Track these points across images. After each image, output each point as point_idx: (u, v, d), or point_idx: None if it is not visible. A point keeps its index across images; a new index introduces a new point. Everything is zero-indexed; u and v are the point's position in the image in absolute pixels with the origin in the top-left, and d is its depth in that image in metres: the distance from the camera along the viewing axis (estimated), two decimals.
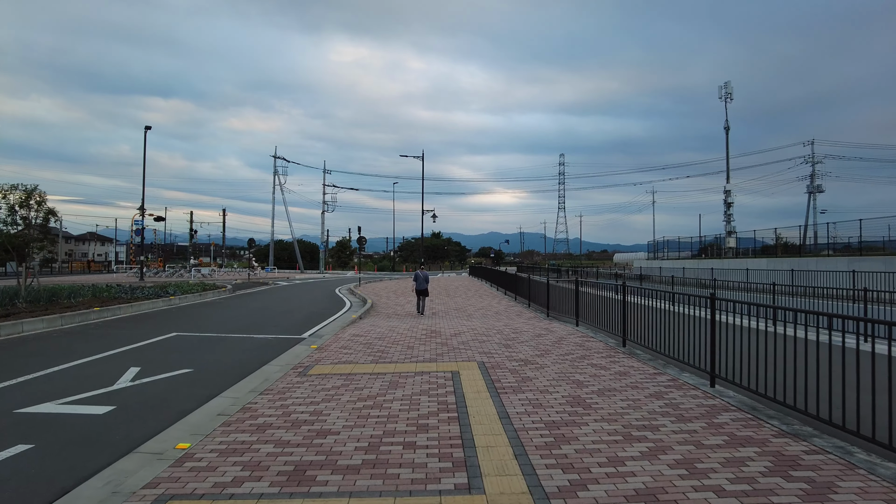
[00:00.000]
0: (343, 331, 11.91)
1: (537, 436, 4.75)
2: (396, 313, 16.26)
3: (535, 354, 8.64)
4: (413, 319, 14.36)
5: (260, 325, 13.61)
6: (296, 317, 15.57)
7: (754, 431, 4.83)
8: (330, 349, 9.38)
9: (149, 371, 8.06)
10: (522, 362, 8.00)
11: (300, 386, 6.70)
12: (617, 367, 7.71)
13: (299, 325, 13.57)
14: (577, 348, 9.23)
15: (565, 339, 10.21)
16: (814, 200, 53.55)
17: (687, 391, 6.30)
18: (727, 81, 45.50)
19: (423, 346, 9.54)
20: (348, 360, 8.29)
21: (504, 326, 12.42)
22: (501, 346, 9.53)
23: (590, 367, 7.70)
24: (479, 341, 10.07)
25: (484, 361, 8.09)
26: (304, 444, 4.60)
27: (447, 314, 15.88)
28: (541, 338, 10.44)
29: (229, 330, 12.72)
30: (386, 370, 7.56)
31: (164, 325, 13.49)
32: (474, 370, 7.46)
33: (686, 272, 29.47)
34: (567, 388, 6.47)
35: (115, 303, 16.01)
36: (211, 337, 11.63)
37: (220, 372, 8.12)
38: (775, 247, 39.62)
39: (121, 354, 9.40)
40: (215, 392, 6.77)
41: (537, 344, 9.69)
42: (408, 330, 11.90)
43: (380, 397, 6.10)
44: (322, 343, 10.09)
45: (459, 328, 12.16)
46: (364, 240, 32.57)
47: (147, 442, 4.90)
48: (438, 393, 6.25)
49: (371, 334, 11.18)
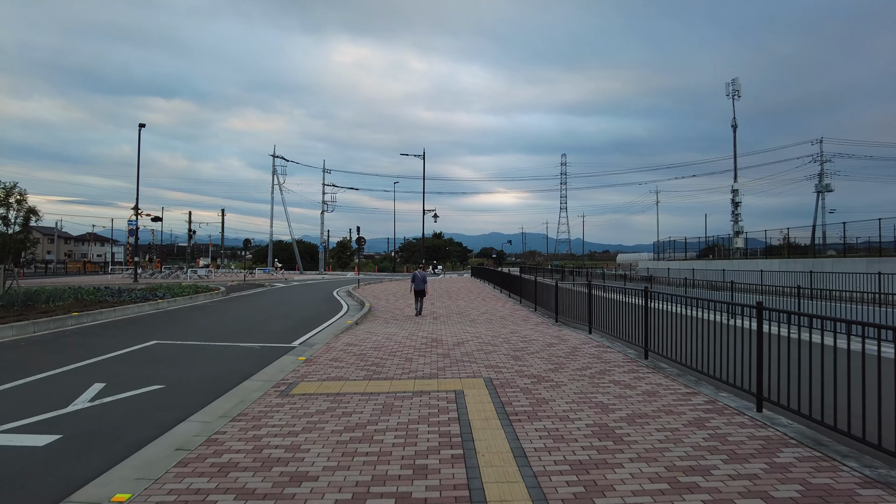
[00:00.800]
0: (336, 339, 10.99)
1: (562, 483, 3.82)
2: (395, 318, 15.34)
3: (548, 369, 7.71)
4: (413, 325, 13.44)
5: (248, 332, 12.70)
6: (288, 322, 14.65)
7: (832, 478, 3.90)
8: (319, 361, 8.46)
9: (114, 388, 7.15)
10: (535, 379, 7.07)
11: (279, 410, 5.78)
12: (643, 384, 6.78)
13: (290, 332, 12.65)
14: (594, 361, 8.30)
15: (580, 350, 9.28)
16: (822, 200, 52.59)
17: (731, 417, 5.37)
18: (735, 78, 44.53)
19: (423, 359, 8.61)
20: (338, 376, 7.36)
21: (511, 334, 11.49)
22: (510, 357, 8.61)
23: (612, 384, 6.77)
24: (484, 352, 9.15)
25: (491, 378, 7.16)
26: (273, 496, 3.68)
27: (449, 319, 14.96)
28: (552, 348, 9.51)
29: (215, 337, 11.81)
30: (380, 389, 6.63)
31: (145, 331, 12.58)
32: (481, 389, 6.53)
33: (696, 273, 28.50)
34: (590, 413, 5.54)
35: (98, 307, 15.11)
36: (193, 346, 10.72)
37: (193, 389, 7.21)
38: (781, 247, 38.68)
39: (88, 368, 8.49)
40: (182, 416, 5.86)
41: (549, 356, 8.76)
42: (407, 338, 10.99)
43: (371, 426, 5.17)
44: (312, 354, 9.17)
45: (463, 336, 11.24)
46: (363, 240, 31.69)
47: (82, 489, 3.98)
48: (440, 420, 5.32)
49: (366, 343, 10.26)
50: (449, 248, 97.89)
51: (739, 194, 44.81)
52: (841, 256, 26.57)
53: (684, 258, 47.37)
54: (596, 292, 11.47)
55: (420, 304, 16.03)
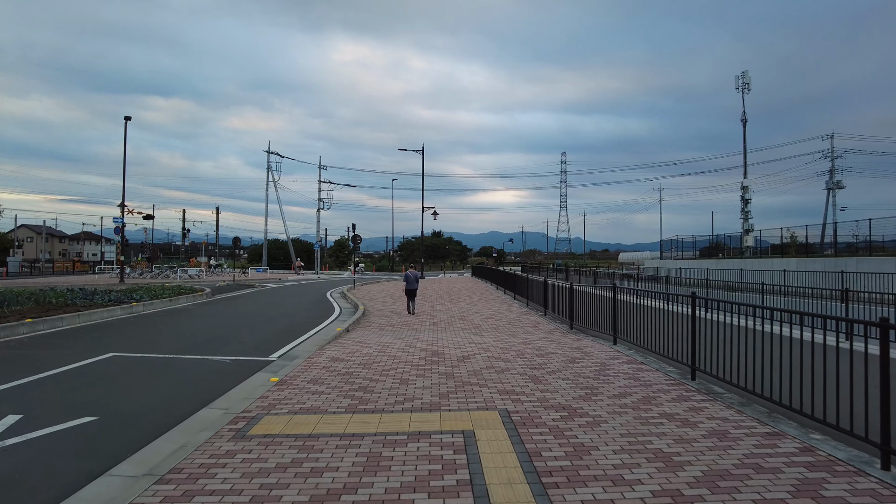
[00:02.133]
0: (321, 351, 9.48)
1: None
2: (391, 324, 13.83)
3: (578, 396, 6.19)
4: (410, 334, 11.94)
5: (224, 341, 11.18)
6: (271, 329, 13.13)
7: None
8: (295, 383, 6.95)
9: (31, 422, 5.63)
10: (565, 411, 5.56)
11: (227, 463, 4.26)
12: (704, 419, 5.27)
13: (271, 342, 11.14)
14: (632, 384, 6.79)
15: (609, 367, 7.77)
16: (833, 197, 51.03)
17: (852, 480, 3.86)
18: (745, 71, 43.00)
19: (422, 380, 7.10)
20: (314, 407, 5.85)
21: (524, 345, 9.99)
22: (528, 378, 7.09)
23: (665, 420, 5.27)
24: (495, 370, 7.63)
25: (509, 409, 5.65)
26: None
27: (451, 325, 13.45)
28: (576, 364, 8.00)
29: (184, 348, 10.29)
30: (365, 428, 5.12)
31: (106, 341, 11.06)
32: (497, 429, 5.02)
33: (710, 273, 27.01)
34: (651, 469, 4.03)
35: (61, 312, 13.57)
36: (156, 359, 9.21)
37: (133, 423, 5.69)
38: (789, 245, 37.21)
39: (11, 392, 6.95)
40: (101, 467, 4.37)
41: (575, 375, 7.25)
42: (403, 350, 9.47)
43: (347, 495, 3.66)
44: (288, 372, 7.66)
45: (468, 347, 9.73)
46: (359, 238, 30.18)
47: None
48: (445, 485, 3.81)
49: (355, 357, 8.75)
50: (448, 247, 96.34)
51: (749, 191, 43.30)
52: (866, 255, 25.09)
53: (693, 257, 45.89)
54: (622, 297, 9.97)
55: (412, 303, 16.24)
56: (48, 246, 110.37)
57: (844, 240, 34.97)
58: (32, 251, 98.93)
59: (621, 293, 10.01)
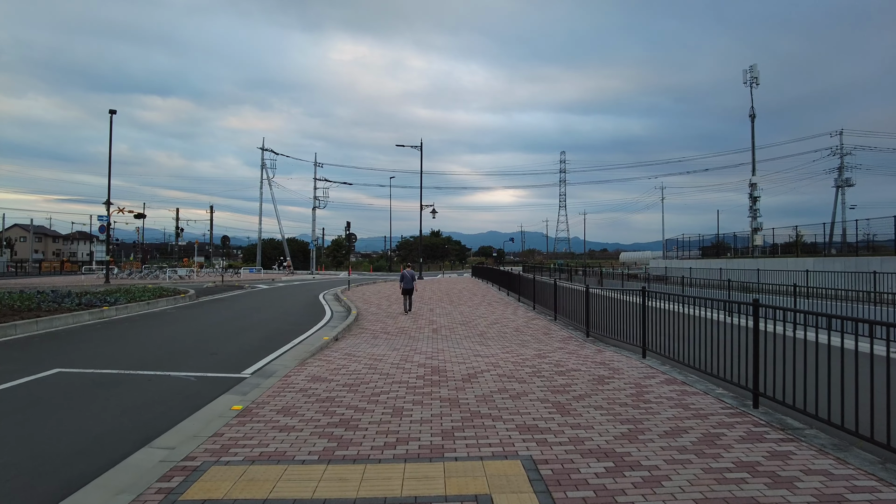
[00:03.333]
0: (302, 366, 8.12)
1: None
2: (386, 330, 12.47)
3: (620, 434, 4.82)
4: (407, 343, 10.58)
5: (194, 353, 9.81)
6: (251, 337, 11.76)
7: None
8: (262, 412, 5.58)
9: None
10: (609, 461, 4.20)
11: None
12: (799, 474, 3.91)
13: (248, 353, 9.77)
14: (681, 413, 5.43)
15: (647, 389, 6.41)
16: (842, 195, 49.70)
17: None
18: (753, 65, 41.58)
19: (420, 409, 5.72)
20: (278, 451, 4.48)
21: (538, 358, 8.63)
22: (551, 406, 5.73)
23: (746, 473, 3.91)
24: (510, 394, 6.27)
25: (534, 457, 4.28)
26: None
27: (452, 332, 12.09)
28: (606, 385, 6.64)
29: (146, 361, 8.92)
30: (343, 490, 3.74)
31: (57, 353, 9.68)
32: (523, 492, 3.64)
33: (724, 273, 25.66)
34: None
35: (17, 317, 12.18)
36: (107, 376, 7.84)
37: (25, 480, 4.32)
38: (794, 244, 35.98)
39: None
40: None
41: (609, 402, 5.88)
42: (398, 365, 8.11)
43: None
44: (257, 396, 6.28)
45: (474, 362, 8.36)
46: (354, 237, 28.79)
47: None
48: None
49: (340, 375, 7.38)
50: (447, 247, 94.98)
51: (758, 188, 41.96)
52: (890, 254, 23.77)
53: (697, 256, 44.60)
54: (652, 302, 8.60)
55: (409, 301, 16.40)
56: (42, 246, 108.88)
57: (851, 238, 33.74)
58: (27, 251, 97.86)
59: (652, 298, 8.65)
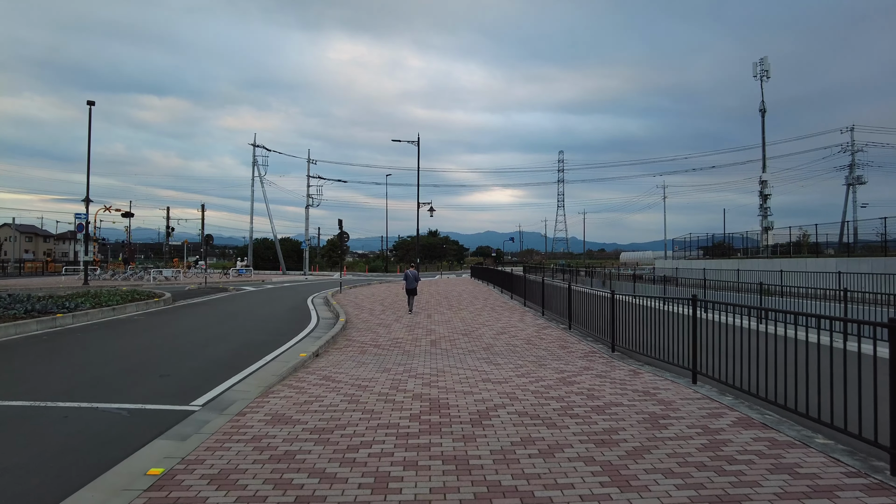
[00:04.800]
0: (266, 396, 6.40)
1: None
2: (376, 343, 10.74)
3: None
4: (401, 361, 8.87)
5: (139, 374, 8.08)
6: (216, 352, 10.02)
7: None
8: (188, 482, 3.84)
9: None
10: None
11: None
12: None
13: (206, 373, 8.04)
14: (791, 484, 3.70)
15: (725, 440, 4.68)
16: (854, 193, 48.09)
17: None
18: (763, 57, 39.91)
19: (412, 477, 3.98)
20: None
21: (563, 383, 6.91)
22: (599, 468, 4.00)
23: None
24: (538, 449, 4.53)
25: None
26: None
27: (454, 345, 10.38)
28: (664, 432, 4.91)
29: (75, 387, 7.18)
30: None
31: None
32: None
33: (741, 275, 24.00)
34: None
35: None
36: (10, 411, 6.11)
37: None
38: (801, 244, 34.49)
39: None
40: None
41: (681, 464, 4.14)
42: (386, 396, 6.38)
43: None
44: (193, 448, 4.55)
45: (484, 392, 6.63)
46: (346, 235, 27.10)
47: None
48: None
49: (310, 413, 5.65)
50: (445, 247, 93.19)
51: (768, 186, 40.33)
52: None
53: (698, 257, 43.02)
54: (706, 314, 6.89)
55: (412, 301, 16.83)
56: (32, 245, 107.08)
57: (866, 238, 32.27)
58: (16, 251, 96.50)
59: (705, 308, 6.94)
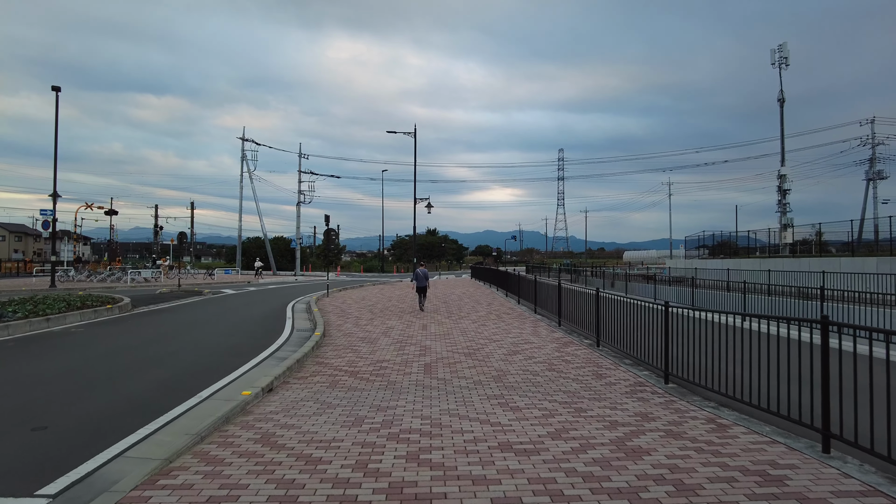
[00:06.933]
0: (151, 483, 3.99)
1: None
2: (354, 368, 8.31)
3: None
4: (381, 403, 6.46)
5: (5, 424, 5.66)
6: (141, 383, 7.57)
7: None
8: None
9: None
10: None
11: None
12: None
13: (103, 426, 5.61)
14: None
15: None
16: (874, 188, 45.76)
17: None
18: (783, 43, 37.48)
19: None
20: None
21: (626, 456, 4.51)
22: None
23: None
24: None
25: None
26: None
27: (455, 374, 7.96)
28: None
29: None
30: None
31: None
32: None
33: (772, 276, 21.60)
34: None
35: None
36: None
37: None
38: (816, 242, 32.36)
39: None
40: None
41: None
42: (344, 489, 3.98)
43: None
44: None
45: (504, 479, 4.21)
46: (335, 232, 24.73)
47: None
48: None
49: None
50: (444, 246, 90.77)
51: (787, 180, 37.95)
52: None
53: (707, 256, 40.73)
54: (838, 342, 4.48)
55: (423, 299, 16.99)
56: (22, 245, 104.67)
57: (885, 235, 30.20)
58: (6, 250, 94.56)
59: (842, 336, 4.54)
